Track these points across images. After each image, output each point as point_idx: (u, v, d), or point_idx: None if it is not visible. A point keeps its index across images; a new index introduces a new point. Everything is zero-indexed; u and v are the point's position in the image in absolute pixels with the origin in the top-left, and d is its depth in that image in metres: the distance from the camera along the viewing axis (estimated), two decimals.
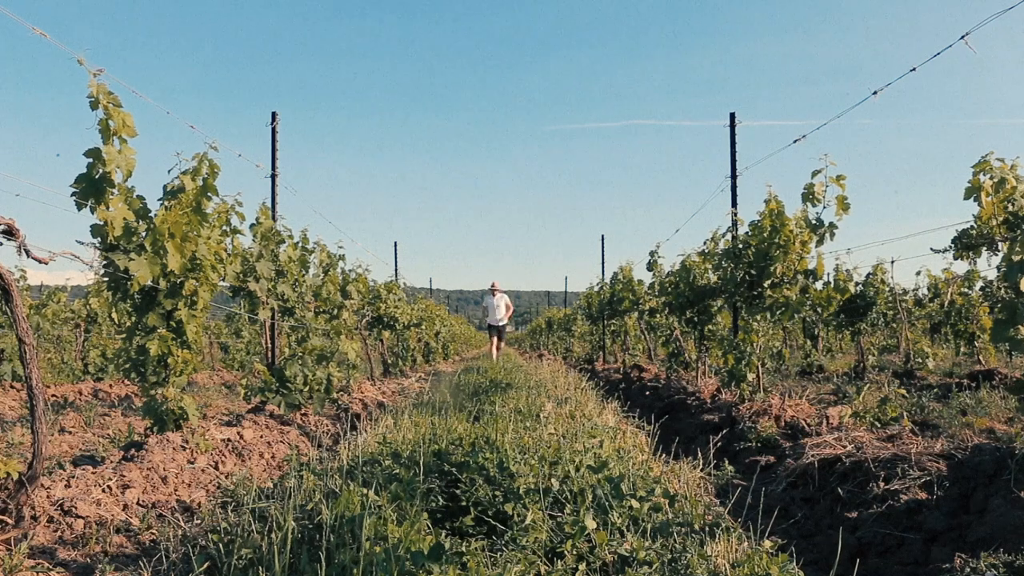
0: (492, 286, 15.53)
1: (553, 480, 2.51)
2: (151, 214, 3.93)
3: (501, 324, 15.33)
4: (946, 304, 11.74)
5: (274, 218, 6.61)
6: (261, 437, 4.70)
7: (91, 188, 3.54)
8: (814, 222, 5.49)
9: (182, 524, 2.80)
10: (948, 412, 5.68)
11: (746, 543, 2.18)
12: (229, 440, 4.34)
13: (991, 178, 4.27)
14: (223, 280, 4.62)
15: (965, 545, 2.36)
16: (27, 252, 2.59)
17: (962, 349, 13.25)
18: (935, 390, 7.36)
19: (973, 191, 4.30)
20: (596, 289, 15.81)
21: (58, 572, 2.03)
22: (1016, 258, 2.94)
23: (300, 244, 7.79)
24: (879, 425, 4.42)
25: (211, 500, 3.30)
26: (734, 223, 6.83)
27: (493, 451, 2.74)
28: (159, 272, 3.84)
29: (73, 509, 2.71)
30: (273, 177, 6.73)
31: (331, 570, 1.72)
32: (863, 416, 4.56)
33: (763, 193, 5.94)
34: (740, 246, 6.38)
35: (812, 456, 3.63)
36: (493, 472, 2.58)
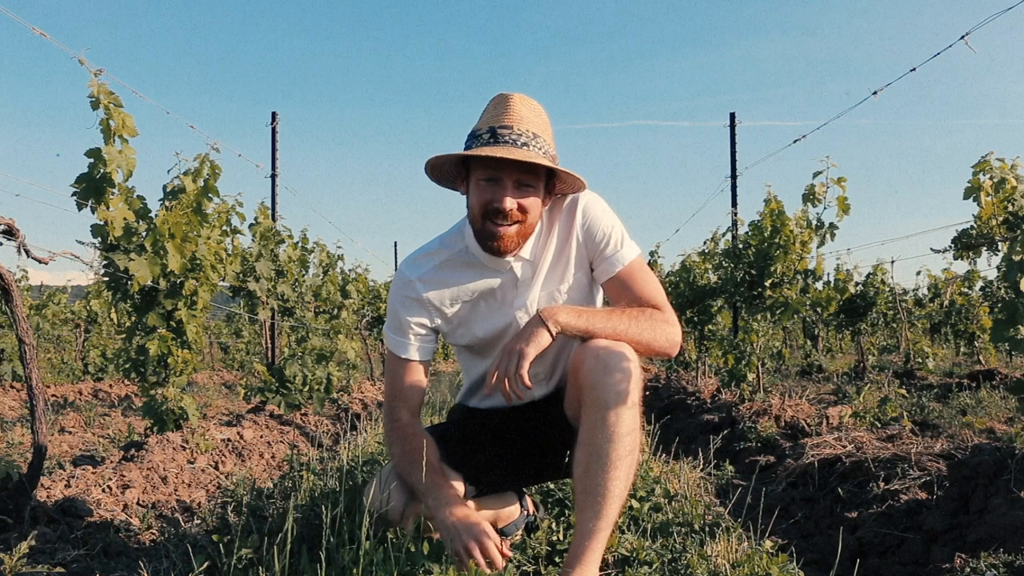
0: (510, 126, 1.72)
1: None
2: (151, 214, 3.93)
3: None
4: (946, 304, 11.75)
5: (274, 218, 6.61)
6: (261, 437, 4.70)
7: (91, 188, 3.54)
8: (815, 223, 5.50)
9: (182, 524, 2.80)
10: (948, 412, 5.68)
11: (746, 543, 2.18)
12: (229, 440, 4.34)
13: (991, 178, 4.27)
14: (223, 280, 4.62)
15: (965, 545, 2.36)
16: (27, 252, 2.59)
17: (962, 349, 13.28)
18: (935, 390, 7.36)
19: (973, 191, 4.30)
20: None
21: (58, 572, 2.03)
22: (1016, 258, 2.93)
23: (300, 244, 7.80)
24: (879, 425, 4.42)
25: (211, 500, 3.30)
26: (734, 223, 6.83)
27: None
28: (159, 272, 3.84)
29: (73, 509, 2.71)
30: (273, 177, 6.73)
31: (331, 570, 1.72)
32: (863, 416, 4.56)
33: (763, 193, 5.95)
34: (740, 246, 6.38)
35: (812, 456, 3.63)
36: None
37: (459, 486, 1.89)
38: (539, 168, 1.74)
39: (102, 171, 3.52)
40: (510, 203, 1.72)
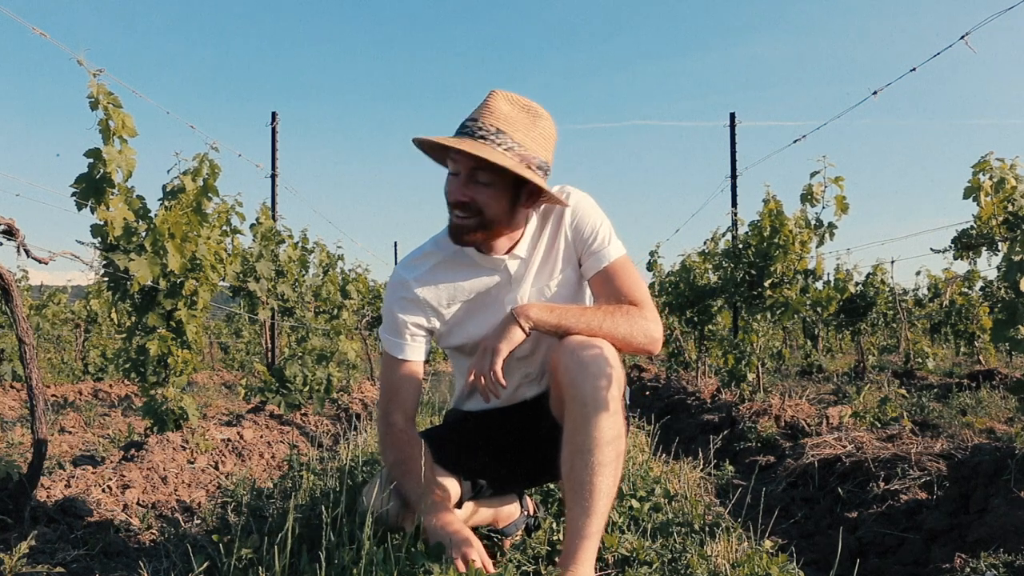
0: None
1: None
2: (151, 214, 3.93)
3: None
4: (946, 304, 11.75)
5: (274, 218, 6.61)
6: (261, 437, 4.70)
7: (91, 188, 3.54)
8: (813, 223, 5.50)
9: (182, 524, 2.80)
10: (948, 412, 5.68)
11: (746, 543, 2.18)
12: (229, 440, 4.34)
13: (991, 178, 4.27)
14: (223, 280, 4.62)
15: (965, 545, 2.36)
16: (27, 252, 2.59)
17: (962, 349, 13.28)
18: (935, 390, 7.37)
19: (972, 191, 4.30)
20: None
21: (58, 572, 2.03)
22: (1016, 258, 2.93)
23: (300, 244, 7.81)
24: (879, 425, 4.42)
25: (211, 500, 3.30)
26: (734, 223, 6.83)
27: None
28: (159, 272, 3.84)
29: (73, 509, 2.71)
30: (273, 177, 6.73)
31: (331, 570, 1.72)
32: (863, 416, 4.56)
33: (763, 193, 5.96)
34: (740, 246, 6.38)
35: (812, 456, 3.63)
36: None
37: (455, 489, 1.87)
38: (495, 164, 1.68)
39: (102, 171, 3.52)
40: (458, 196, 1.74)
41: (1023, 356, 10.55)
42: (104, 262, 3.72)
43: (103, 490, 3.04)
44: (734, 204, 7.01)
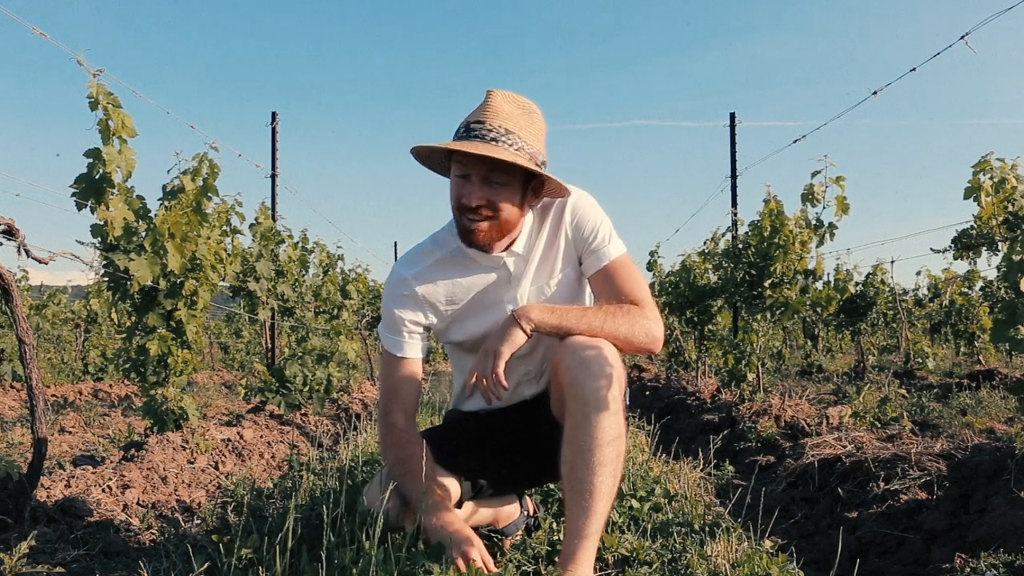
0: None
1: None
2: (151, 214, 3.93)
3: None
4: (946, 304, 11.75)
5: (274, 218, 6.61)
6: (261, 437, 4.70)
7: (91, 188, 3.54)
8: (814, 223, 5.50)
9: (182, 524, 2.80)
10: (948, 412, 5.68)
11: (746, 543, 2.18)
12: (229, 440, 4.34)
13: (991, 178, 4.27)
14: (223, 280, 4.62)
15: (965, 545, 2.36)
16: (27, 252, 2.59)
17: (962, 349, 13.28)
18: (935, 390, 7.36)
19: (973, 191, 4.30)
20: None
21: (58, 572, 2.03)
22: (1016, 258, 2.93)
23: (300, 244, 7.81)
24: (879, 425, 4.42)
25: (211, 500, 3.30)
26: (734, 223, 6.84)
27: None
28: (159, 272, 3.84)
29: (73, 509, 2.71)
30: (273, 177, 6.73)
31: (331, 570, 1.72)
32: (863, 416, 4.56)
33: (763, 193, 5.96)
34: (740, 246, 6.38)
35: (812, 456, 3.63)
36: None
37: (456, 489, 1.87)
38: (509, 165, 1.70)
39: (101, 171, 3.52)
40: (476, 200, 1.73)
41: (1023, 356, 10.55)
42: (104, 262, 3.72)
43: (103, 490, 3.04)
44: (734, 204, 7.01)
